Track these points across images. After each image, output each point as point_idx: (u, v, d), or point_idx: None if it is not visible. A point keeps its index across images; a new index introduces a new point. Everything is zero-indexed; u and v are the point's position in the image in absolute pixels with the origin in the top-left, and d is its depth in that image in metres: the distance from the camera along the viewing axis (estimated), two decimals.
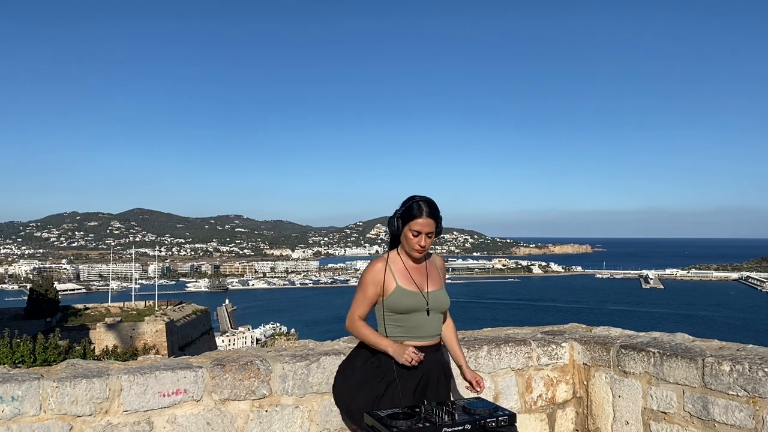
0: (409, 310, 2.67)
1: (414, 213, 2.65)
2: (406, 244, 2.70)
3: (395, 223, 2.72)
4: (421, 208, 2.65)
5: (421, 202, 2.67)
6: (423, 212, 2.65)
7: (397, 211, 2.73)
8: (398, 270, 2.71)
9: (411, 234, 2.66)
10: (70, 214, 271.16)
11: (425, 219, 2.65)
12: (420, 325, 2.69)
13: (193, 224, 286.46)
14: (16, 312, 50.86)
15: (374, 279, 2.66)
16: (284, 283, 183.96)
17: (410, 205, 2.68)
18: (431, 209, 2.67)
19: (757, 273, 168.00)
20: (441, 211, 2.72)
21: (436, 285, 2.77)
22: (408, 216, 2.67)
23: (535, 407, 3.75)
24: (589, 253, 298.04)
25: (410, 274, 2.72)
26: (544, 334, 4.06)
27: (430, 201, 2.70)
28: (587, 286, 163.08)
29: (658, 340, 3.60)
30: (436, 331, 2.76)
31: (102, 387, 2.75)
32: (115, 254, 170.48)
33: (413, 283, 2.70)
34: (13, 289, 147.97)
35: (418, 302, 2.68)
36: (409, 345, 2.63)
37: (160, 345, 42.08)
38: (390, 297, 2.66)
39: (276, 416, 3.05)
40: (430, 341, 2.73)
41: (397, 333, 2.68)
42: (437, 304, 2.74)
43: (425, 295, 2.70)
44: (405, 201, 2.72)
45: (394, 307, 2.66)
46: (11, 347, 13.72)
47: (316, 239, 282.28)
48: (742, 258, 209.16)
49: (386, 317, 2.69)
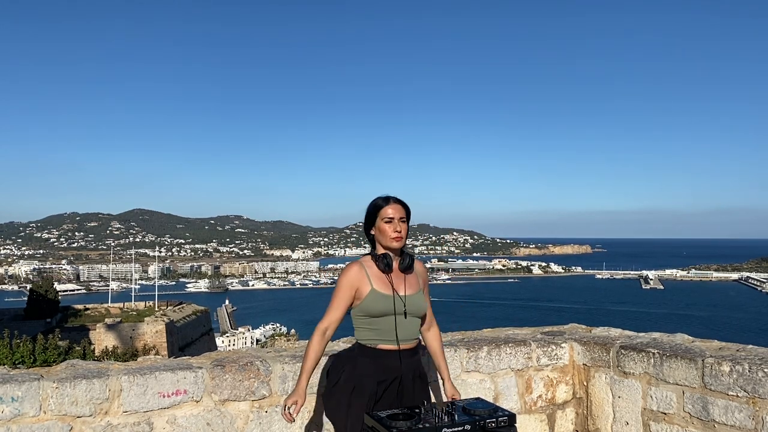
0: (382, 314, 2.65)
1: (380, 204, 2.73)
2: (383, 237, 2.71)
3: (366, 225, 2.77)
4: (386, 197, 2.74)
5: (383, 196, 2.76)
6: (389, 200, 2.73)
7: (366, 213, 2.79)
8: (374, 274, 2.69)
9: (384, 223, 2.69)
10: (70, 215, 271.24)
11: (393, 205, 2.72)
12: (395, 329, 2.67)
13: (193, 225, 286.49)
14: (16, 312, 50.82)
15: (349, 282, 2.65)
16: (284, 283, 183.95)
17: (374, 202, 2.76)
18: (396, 198, 2.75)
19: (757, 273, 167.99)
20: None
21: (413, 289, 2.75)
22: (375, 209, 2.73)
23: (535, 408, 3.75)
24: (589, 254, 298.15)
25: (386, 277, 2.70)
26: (544, 334, 4.06)
27: (391, 195, 2.78)
28: (587, 286, 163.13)
29: (658, 340, 3.60)
30: (413, 335, 2.75)
31: (102, 387, 2.75)
32: (115, 255, 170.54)
33: (389, 286, 2.68)
34: (13, 290, 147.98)
35: (393, 306, 2.66)
36: (383, 348, 2.66)
37: (160, 345, 42.07)
38: (364, 300, 2.65)
39: (276, 417, 3.05)
40: (406, 345, 2.71)
41: (371, 336, 2.68)
42: (413, 307, 2.71)
43: (402, 298, 2.68)
44: (369, 204, 2.79)
45: (368, 310, 2.65)
46: (11, 348, 13.72)
47: (316, 240, 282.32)
48: (742, 258, 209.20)
49: (361, 320, 2.69)
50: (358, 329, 2.73)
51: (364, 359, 2.67)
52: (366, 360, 2.66)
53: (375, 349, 2.67)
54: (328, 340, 2.67)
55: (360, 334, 2.72)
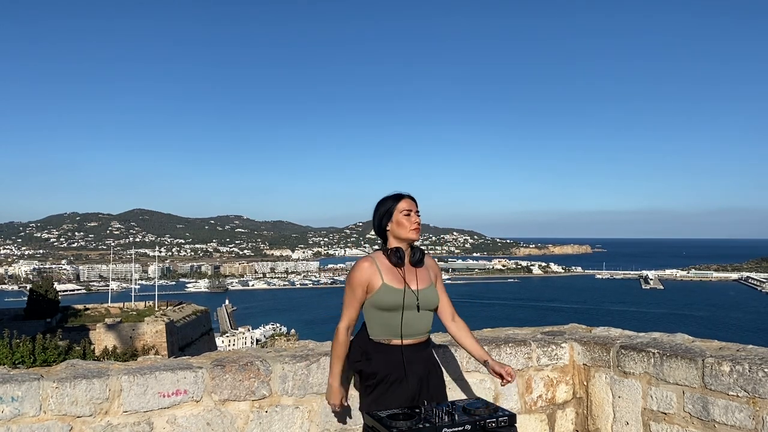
0: (393, 308, 2.66)
1: (395, 198, 2.77)
2: (402, 230, 2.73)
3: (382, 221, 2.77)
4: (397, 194, 2.79)
5: (392, 194, 2.79)
6: (402, 195, 2.78)
7: (377, 211, 2.79)
8: (385, 268, 2.71)
9: (403, 215, 2.73)
10: (70, 215, 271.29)
11: (407, 199, 2.77)
12: (407, 323, 2.68)
13: (193, 224, 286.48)
14: (16, 312, 50.79)
15: (361, 278, 2.68)
16: (284, 283, 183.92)
17: (384, 200, 2.79)
18: (408, 194, 2.80)
19: (757, 273, 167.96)
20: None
21: (425, 283, 2.78)
22: (392, 204, 2.76)
23: (535, 408, 3.75)
24: (589, 254, 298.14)
25: (398, 271, 2.72)
26: (544, 334, 4.06)
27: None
28: (587, 286, 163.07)
29: (658, 340, 3.60)
30: (426, 329, 2.77)
31: (102, 387, 2.75)
32: (115, 255, 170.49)
33: (401, 280, 2.70)
34: (13, 290, 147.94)
35: (406, 299, 2.67)
36: (395, 344, 2.67)
37: (160, 345, 42.08)
38: (376, 294, 2.66)
39: (276, 417, 3.05)
40: (419, 339, 2.73)
41: (384, 331, 2.69)
42: (426, 301, 2.74)
43: (415, 292, 2.70)
44: (377, 203, 2.81)
45: (379, 304, 2.67)
46: (11, 348, 13.69)
47: (316, 240, 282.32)
48: (742, 258, 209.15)
49: (373, 315, 2.70)
50: (369, 325, 2.73)
51: (378, 356, 2.67)
52: (380, 356, 2.67)
53: (389, 345, 2.68)
54: (350, 338, 2.73)
55: (372, 330, 2.72)
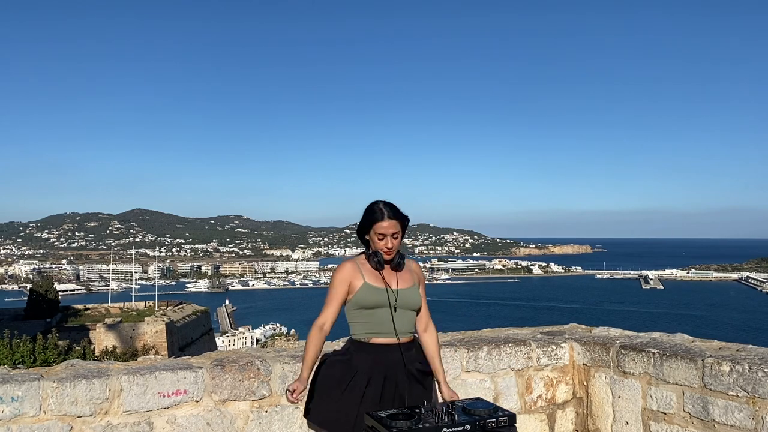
0: (374, 306, 2.71)
1: (376, 217, 2.75)
2: (376, 245, 2.78)
3: (363, 229, 2.81)
4: (382, 212, 2.76)
5: (381, 206, 2.77)
6: (384, 215, 2.75)
7: (362, 219, 2.82)
8: (367, 270, 2.77)
9: (377, 238, 2.76)
10: (70, 215, 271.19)
11: (388, 221, 2.75)
12: (387, 322, 2.71)
13: (193, 224, 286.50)
14: (16, 312, 50.78)
15: (342, 278, 2.73)
16: (284, 283, 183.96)
17: (372, 210, 2.78)
18: (392, 211, 2.77)
19: (757, 273, 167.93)
20: (408, 213, 2.82)
21: (407, 284, 2.81)
22: (371, 221, 2.76)
23: (535, 408, 3.75)
24: (589, 254, 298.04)
25: (379, 273, 2.77)
26: (544, 334, 4.06)
27: (390, 204, 2.80)
28: (587, 286, 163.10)
29: (658, 340, 3.61)
30: (407, 329, 2.78)
31: (102, 387, 2.75)
32: (115, 255, 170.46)
33: (381, 280, 2.75)
34: (13, 290, 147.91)
35: (385, 298, 2.71)
36: (377, 343, 2.69)
37: (160, 345, 42.09)
38: (357, 293, 2.72)
39: (276, 417, 3.05)
40: (400, 339, 2.74)
41: (364, 330, 2.73)
42: (405, 301, 2.76)
43: (394, 291, 2.74)
44: (366, 208, 2.81)
45: (361, 302, 2.71)
46: (11, 348, 13.70)
47: (316, 239, 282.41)
48: (741, 258, 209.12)
49: (354, 313, 2.75)
50: (352, 324, 2.78)
51: (359, 354, 2.69)
52: (361, 355, 2.68)
53: (368, 343, 2.70)
54: (326, 335, 2.72)
55: (354, 329, 2.77)
